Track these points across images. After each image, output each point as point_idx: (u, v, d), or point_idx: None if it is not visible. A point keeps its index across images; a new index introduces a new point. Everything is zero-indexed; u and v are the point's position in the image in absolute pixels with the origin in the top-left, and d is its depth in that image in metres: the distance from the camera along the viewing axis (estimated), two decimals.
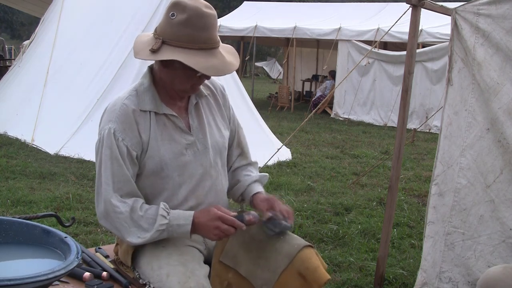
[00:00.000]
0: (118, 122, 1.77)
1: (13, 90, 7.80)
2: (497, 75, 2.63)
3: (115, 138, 1.76)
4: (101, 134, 1.79)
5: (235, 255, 1.88)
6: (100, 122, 1.84)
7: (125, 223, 1.75)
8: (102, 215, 1.78)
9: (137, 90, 1.84)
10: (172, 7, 1.73)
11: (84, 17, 7.65)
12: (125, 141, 1.77)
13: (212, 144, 1.93)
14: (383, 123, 11.71)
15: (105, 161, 1.77)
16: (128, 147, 1.77)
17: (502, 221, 2.67)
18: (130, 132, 1.78)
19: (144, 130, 1.80)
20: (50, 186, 5.07)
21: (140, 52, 1.76)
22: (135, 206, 1.76)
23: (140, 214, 1.75)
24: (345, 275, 3.40)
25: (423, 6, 2.97)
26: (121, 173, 1.77)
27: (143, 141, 1.80)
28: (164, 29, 1.74)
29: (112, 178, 1.76)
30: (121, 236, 1.78)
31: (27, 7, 14.50)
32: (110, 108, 1.82)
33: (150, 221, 1.75)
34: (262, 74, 32.01)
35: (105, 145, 1.77)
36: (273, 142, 7.28)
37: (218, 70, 1.74)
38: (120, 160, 1.76)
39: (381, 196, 5.37)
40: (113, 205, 1.74)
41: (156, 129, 1.81)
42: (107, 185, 1.76)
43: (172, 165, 1.82)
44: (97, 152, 1.81)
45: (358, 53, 11.89)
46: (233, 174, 2.09)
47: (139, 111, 1.80)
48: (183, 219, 1.76)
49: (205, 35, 1.72)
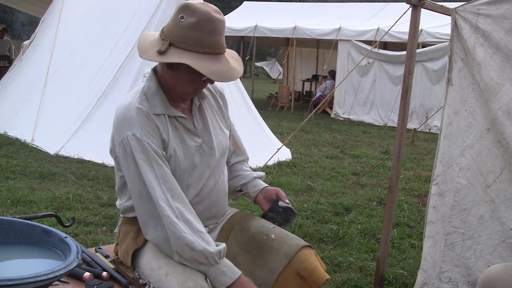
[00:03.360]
0: (140, 126, 1.73)
1: (13, 90, 7.80)
2: (497, 75, 2.63)
3: (145, 142, 1.72)
4: (124, 143, 1.73)
5: (234, 255, 1.89)
6: (114, 132, 1.78)
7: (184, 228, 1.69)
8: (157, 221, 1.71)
9: (146, 94, 1.81)
10: (182, 9, 1.72)
11: (84, 17, 7.65)
12: (153, 144, 1.74)
13: (218, 145, 1.94)
14: (383, 123, 11.71)
15: (142, 166, 1.71)
16: (157, 148, 1.75)
17: (502, 221, 2.67)
18: (154, 134, 1.76)
19: (165, 132, 1.79)
20: (50, 186, 5.07)
21: (147, 52, 1.74)
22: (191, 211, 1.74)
23: (198, 225, 1.73)
24: (345, 275, 3.40)
25: (423, 6, 2.97)
26: (164, 173, 1.73)
27: (165, 143, 1.79)
28: (172, 30, 1.73)
29: (157, 180, 1.71)
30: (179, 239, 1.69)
31: (27, 7, 14.51)
32: (124, 115, 1.76)
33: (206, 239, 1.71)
34: (262, 74, 32.02)
35: (136, 151, 1.71)
36: (273, 142, 7.28)
37: (223, 76, 1.73)
38: (159, 160, 1.73)
39: (381, 196, 5.37)
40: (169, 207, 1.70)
41: (171, 131, 1.81)
42: (153, 188, 1.70)
43: (183, 167, 1.82)
44: (125, 161, 1.74)
45: (358, 53, 11.89)
46: (231, 168, 2.13)
47: (153, 115, 1.78)
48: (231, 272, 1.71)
49: (213, 39, 1.72)
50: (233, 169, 2.13)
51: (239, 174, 2.12)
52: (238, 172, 2.12)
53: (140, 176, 1.72)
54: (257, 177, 2.11)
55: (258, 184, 2.09)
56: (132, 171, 1.73)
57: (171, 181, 1.74)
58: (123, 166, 1.77)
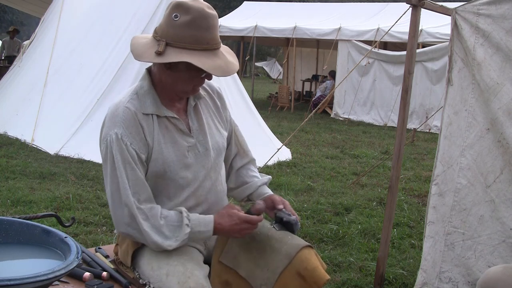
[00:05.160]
0: (124, 126, 1.75)
1: (13, 90, 7.80)
2: (497, 75, 2.63)
3: (123, 143, 1.74)
4: (107, 141, 1.76)
5: (235, 255, 1.88)
6: (103, 128, 1.81)
7: (149, 230, 1.74)
8: (125, 221, 1.75)
9: (138, 93, 1.82)
10: (175, 8, 1.72)
11: (84, 17, 7.65)
12: (133, 145, 1.75)
13: (213, 146, 1.92)
14: (383, 123, 11.71)
15: (118, 167, 1.73)
16: (137, 150, 1.76)
17: (502, 221, 2.67)
18: (136, 135, 1.76)
19: (149, 133, 1.79)
20: (50, 186, 5.07)
21: (143, 54, 1.74)
22: (154, 213, 1.75)
23: (161, 223, 1.75)
24: (345, 275, 3.40)
25: (423, 6, 2.97)
26: (136, 177, 1.75)
27: (148, 144, 1.79)
28: (166, 30, 1.72)
29: (128, 183, 1.74)
30: (146, 241, 1.76)
31: (27, 7, 14.50)
32: (112, 113, 1.79)
33: (172, 229, 1.75)
34: (262, 74, 32.03)
35: (114, 151, 1.74)
36: (273, 142, 7.28)
37: (224, 70, 1.74)
38: (132, 164, 1.75)
39: (381, 196, 5.37)
40: (136, 209, 1.73)
41: (159, 132, 1.81)
42: (125, 189, 1.73)
43: (175, 168, 1.81)
44: (105, 159, 1.77)
45: (358, 53, 11.89)
46: (237, 174, 2.10)
47: (142, 115, 1.78)
48: (204, 226, 1.78)
49: (208, 35, 1.72)
50: (239, 175, 2.10)
51: (245, 182, 2.08)
52: (243, 179, 2.09)
53: (113, 176, 1.75)
54: (262, 184, 2.08)
55: (262, 193, 2.06)
56: (108, 169, 1.77)
57: (140, 184, 1.76)
58: (102, 161, 1.80)
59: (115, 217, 1.79)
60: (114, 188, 1.75)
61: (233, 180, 2.10)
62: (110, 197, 1.78)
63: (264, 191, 2.06)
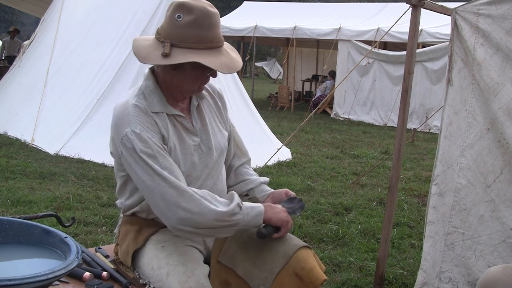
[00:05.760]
0: (138, 122, 1.72)
1: (13, 90, 7.80)
2: (497, 75, 2.63)
3: (145, 136, 1.70)
4: (124, 140, 1.71)
5: (233, 255, 1.88)
6: (114, 131, 1.76)
7: (203, 199, 1.67)
8: (175, 201, 1.65)
9: (144, 93, 1.81)
10: (177, 8, 1.72)
11: (84, 17, 7.65)
12: (153, 138, 1.73)
13: (216, 145, 1.93)
14: (383, 123, 11.71)
15: (146, 159, 1.68)
16: (158, 142, 1.73)
17: (502, 221, 2.67)
18: (153, 129, 1.74)
19: (164, 128, 1.78)
20: (50, 186, 5.07)
21: (149, 57, 1.73)
22: (202, 190, 1.74)
23: (212, 195, 1.73)
24: (345, 275, 3.40)
25: (423, 6, 2.97)
26: (170, 164, 1.71)
27: (164, 139, 1.78)
28: (170, 31, 1.72)
29: (166, 171, 1.68)
30: (203, 212, 1.66)
31: (27, 7, 14.49)
32: (122, 113, 1.75)
33: (223, 202, 1.73)
34: (262, 74, 32.02)
35: (137, 146, 1.69)
36: (273, 142, 7.28)
37: (230, 67, 1.75)
38: (161, 152, 1.71)
39: (381, 196, 5.37)
40: (184, 186, 1.68)
41: (170, 129, 1.81)
42: (164, 178, 1.66)
43: (182, 166, 1.81)
44: (131, 161, 1.71)
45: (358, 53, 11.90)
46: (236, 172, 2.12)
47: (152, 113, 1.78)
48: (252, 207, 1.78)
49: (212, 34, 1.73)
50: (238, 173, 2.12)
51: (246, 178, 2.10)
52: (244, 176, 2.11)
53: (147, 168, 1.69)
54: (264, 182, 2.12)
55: (265, 189, 2.09)
56: (140, 165, 1.70)
57: (176, 171, 1.72)
58: (129, 162, 1.73)
59: (160, 210, 1.70)
60: (153, 182, 1.68)
61: (233, 178, 2.12)
62: (150, 193, 1.70)
63: (266, 189, 2.10)
